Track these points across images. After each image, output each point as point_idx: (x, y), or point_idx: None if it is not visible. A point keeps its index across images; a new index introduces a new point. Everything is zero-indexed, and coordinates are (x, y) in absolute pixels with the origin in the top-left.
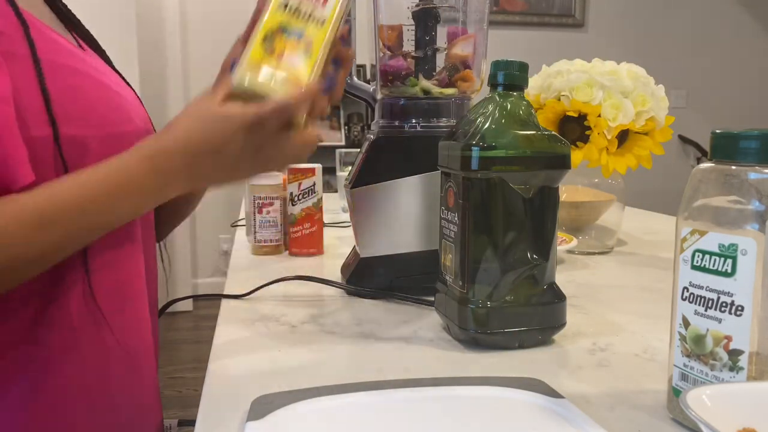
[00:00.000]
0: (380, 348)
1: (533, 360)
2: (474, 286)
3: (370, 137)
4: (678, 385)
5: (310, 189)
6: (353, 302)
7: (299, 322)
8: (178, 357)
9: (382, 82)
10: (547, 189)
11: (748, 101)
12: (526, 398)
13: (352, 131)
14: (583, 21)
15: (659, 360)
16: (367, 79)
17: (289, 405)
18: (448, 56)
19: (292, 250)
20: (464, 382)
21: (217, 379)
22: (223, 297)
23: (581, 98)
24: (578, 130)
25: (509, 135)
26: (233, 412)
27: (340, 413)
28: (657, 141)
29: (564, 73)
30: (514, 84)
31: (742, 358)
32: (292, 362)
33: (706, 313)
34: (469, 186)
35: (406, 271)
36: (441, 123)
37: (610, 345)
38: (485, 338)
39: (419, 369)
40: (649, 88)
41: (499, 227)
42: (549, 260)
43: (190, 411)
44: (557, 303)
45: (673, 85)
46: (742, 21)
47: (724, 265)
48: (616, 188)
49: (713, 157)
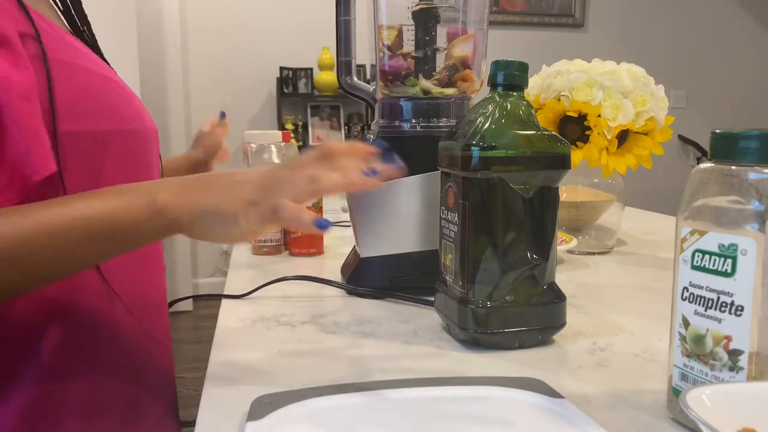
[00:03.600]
0: (380, 348)
1: (533, 360)
2: (474, 286)
3: (370, 137)
4: (678, 385)
5: None
6: (353, 302)
7: (299, 322)
8: (178, 357)
9: (382, 82)
10: (547, 189)
11: (748, 101)
12: (526, 398)
13: (352, 131)
14: (583, 21)
15: (659, 360)
16: (367, 79)
17: (289, 405)
18: (448, 56)
19: (292, 250)
20: (464, 382)
21: (217, 379)
22: (223, 297)
23: (581, 98)
24: (578, 130)
25: (509, 135)
26: (233, 412)
27: (340, 413)
28: (657, 141)
29: (564, 73)
30: (514, 84)
31: (742, 358)
32: (292, 362)
33: (705, 313)
34: (469, 186)
35: (406, 271)
36: (441, 123)
37: (610, 345)
38: (485, 338)
39: (419, 369)
40: (649, 88)
41: (499, 227)
42: (549, 260)
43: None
44: (557, 303)
45: (673, 85)
46: (742, 21)
47: (724, 265)
48: (616, 188)
49: (713, 157)
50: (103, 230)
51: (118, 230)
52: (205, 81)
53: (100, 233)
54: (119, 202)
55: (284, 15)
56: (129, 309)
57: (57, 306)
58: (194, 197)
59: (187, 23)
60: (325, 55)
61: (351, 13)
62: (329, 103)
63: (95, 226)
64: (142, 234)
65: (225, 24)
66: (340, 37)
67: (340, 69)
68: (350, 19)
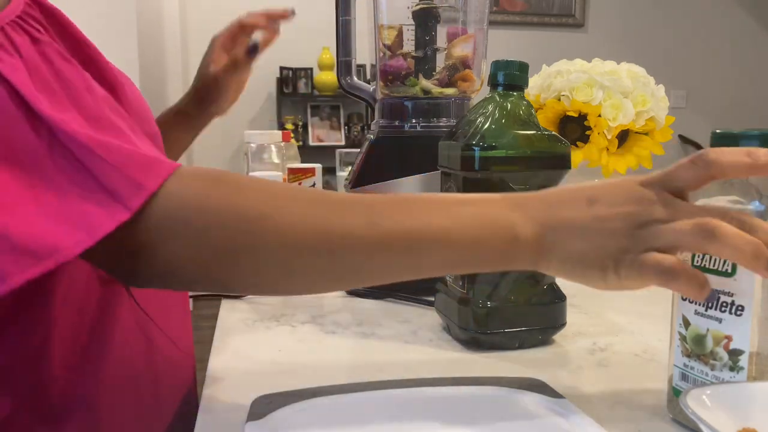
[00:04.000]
0: (380, 348)
1: (533, 360)
2: (474, 286)
3: (370, 137)
4: (678, 385)
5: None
6: (353, 302)
7: (299, 322)
8: None
9: (382, 82)
10: None
11: (748, 101)
12: (526, 398)
13: (352, 131)
14: (583, 21)
15: (659, 360)
16: (367, 79)
17: (289, 405)
18: (448, 56)
19: None
20: (464, 382)
21: (217, 379)
22: (223, 297)
23: (581, 98)
24: (578, 130)
25: (509, 135)
26: (233, 412)
27: (340, 413)
28: (657, 141)
29: (564, 73)
30: (514, 84)
31: (742, 358)
32: (292, 362)
33: (706, 313)
34: (470, 186)
35: None
36: (441, 123)
37: (610, 345)
38: (485, 338)
39: (419, 369)
40: (649, 88)
41: None
42: None
43: None
44: (557, 303)
45: (673, 85)
46: (742, 21)
47: (724, 266)
48: None
49: None
50: (457, 260)
51: (473, 263)
52: None
53: (454, 262)
54: (481, 233)
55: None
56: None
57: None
58: (555, 238)
59: (187, 23)
60: (325, 55)
61: (351, 13)
62: (329, 103)
63: (454, 254)
64: (481, 266)
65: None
66: (340, 37)
67: (340, 69)
68: (350, 19)
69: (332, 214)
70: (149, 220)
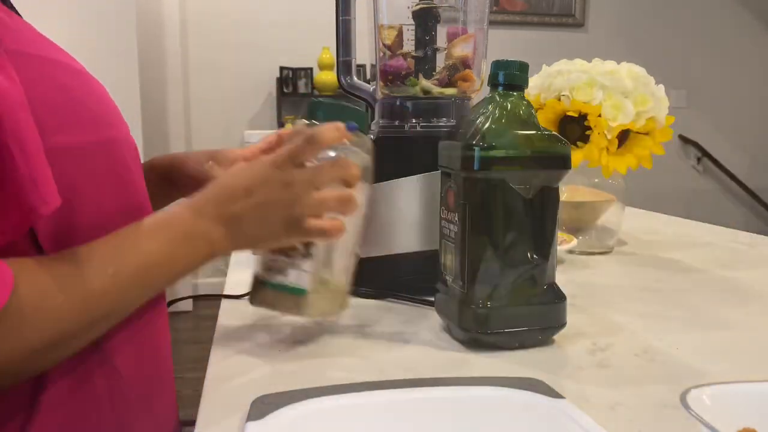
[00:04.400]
0: (380, 348)
1: (533, 360)
2: (474, 287)
3: (370, 137)
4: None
5: None
6: (353, 302)
7: (299, 322)
8: (178, 357)
9: (382, 82)
10: (547, 189)
11: (748, 101)
12: (526, 398)
13: None
14: (583, 21)
15: (659, 360)
16: (367, 79)
17: (289, 405)
18: (448, 56)
19: None
20: (464, 382)
21: (217, 379)
22: (223, 297)
23: (581, 98)
24: (578, 130)
25: (509, 135)
26: (233, 412)
27: (340, 413)
28: (657, 141)
29: (564, 73)
30: (514, 84)
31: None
32: (292, 362)
33: None
34: (470, 186)
35: (406, 271)
36: (441, 123)
37: (610, 345)
38: (485, 338)
39: (419, 369)
40: (649, 88)
41: (500, 227)
42: (549, 260)
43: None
44: (557, 303)
45: (673, 85)
46: (742, 20)
47: None
48: (617, 188)
49: None
50: (161, 279)
51: (175, 277)
52: (205, 81)
53: (158, 281)
54: (181, 252)
55: (284, 14)
56: (130, 385)
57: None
58: (234, 229)
59: (187, 23)
60: (325, 55)
61: (351, 13)
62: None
63: (154, 275)
64: (191, 271)
65: (225, 24)
66: (340, 37)
67: (340, 69)
68: (350, 19)
69: (81, 293)
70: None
